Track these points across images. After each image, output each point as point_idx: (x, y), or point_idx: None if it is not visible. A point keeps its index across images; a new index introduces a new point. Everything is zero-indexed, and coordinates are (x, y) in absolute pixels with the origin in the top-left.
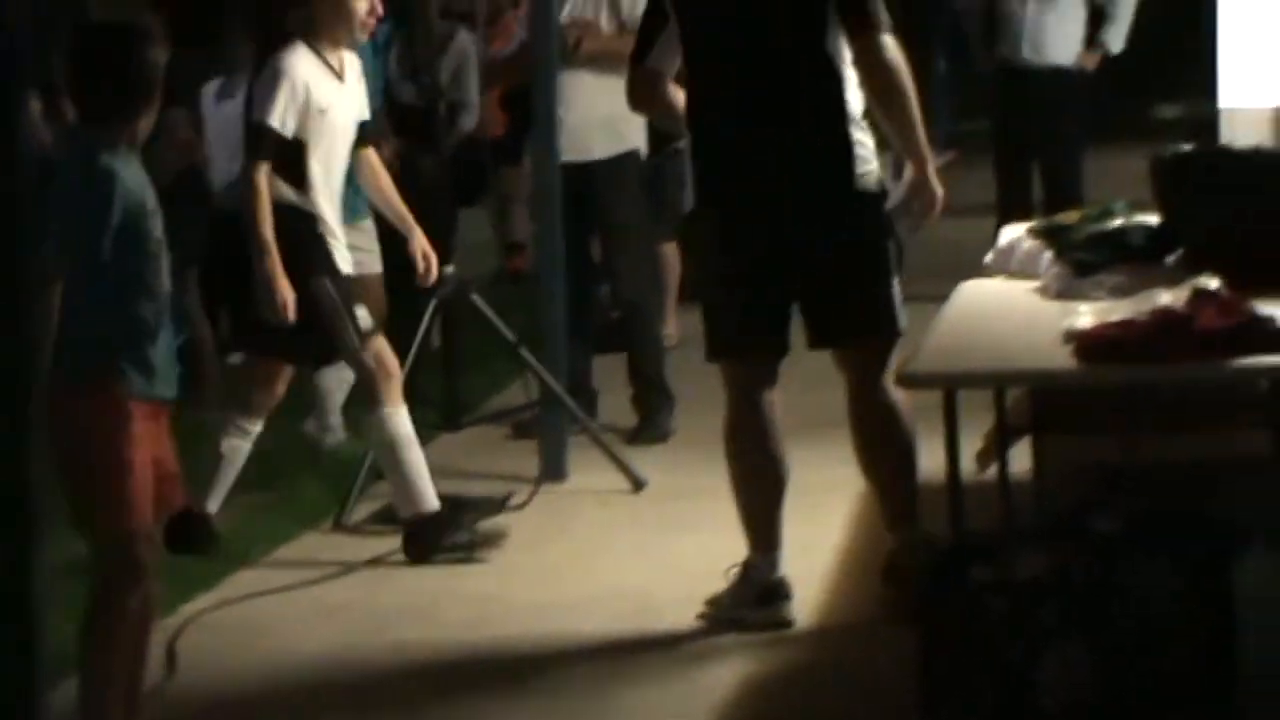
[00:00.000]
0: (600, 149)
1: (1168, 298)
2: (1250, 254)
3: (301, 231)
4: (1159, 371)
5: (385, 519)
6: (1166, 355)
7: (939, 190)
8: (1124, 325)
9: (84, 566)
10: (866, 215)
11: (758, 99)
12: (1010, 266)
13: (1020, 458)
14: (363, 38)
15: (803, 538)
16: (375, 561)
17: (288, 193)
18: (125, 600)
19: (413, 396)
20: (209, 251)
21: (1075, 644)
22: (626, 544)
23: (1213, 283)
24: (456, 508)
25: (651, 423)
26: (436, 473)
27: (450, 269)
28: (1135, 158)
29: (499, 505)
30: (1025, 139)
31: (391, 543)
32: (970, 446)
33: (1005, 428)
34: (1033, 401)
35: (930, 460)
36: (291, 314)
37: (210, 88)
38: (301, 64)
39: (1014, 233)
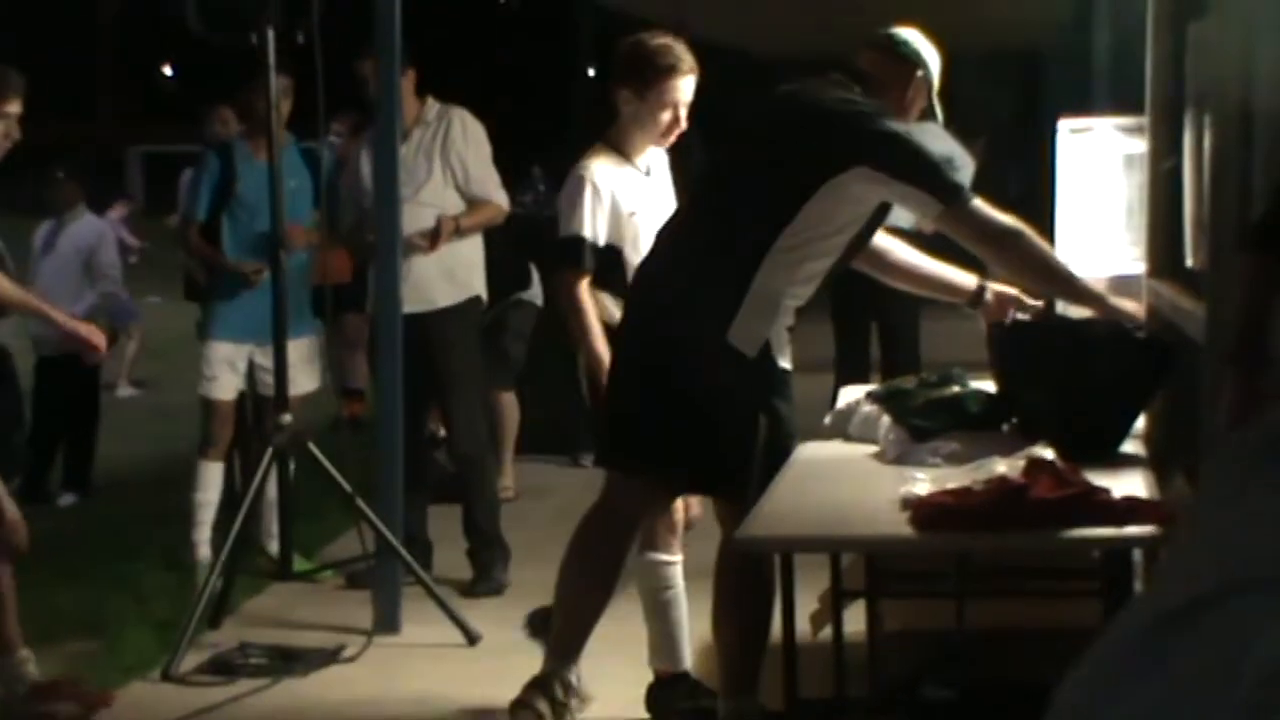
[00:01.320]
0: (444, 297)
1: (1004, 466)
2: (1082, 425)
3: None
4: (993, 541)
5: (215, 669)
6: (1001, 525)
7: (1128, 308)
8: (960, 493)
9: None
10: (733, 373)
11: (695, 229)
12: (849, 430)
13: (855, 620)
14: (663, 145)
15: (631, 695)
16: (203, 713)
17: (613, 309)
18: None
19: (246, 544)
20: (42, 396)
21: None
22: (460, 698)
23: (1048, 452)
24: (289, 659)
25: (486, 576)
26: (268, 622)
27: (287, 416)
28: (973, 320)
29: (330, 657)
30: (864, 298)
31: (220, 694)
32: (805, 608)
33: (840, 590)
34: (868, 565)
35: None
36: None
37: (40, 232)
38: (603, 168)
39: (853, 395)
